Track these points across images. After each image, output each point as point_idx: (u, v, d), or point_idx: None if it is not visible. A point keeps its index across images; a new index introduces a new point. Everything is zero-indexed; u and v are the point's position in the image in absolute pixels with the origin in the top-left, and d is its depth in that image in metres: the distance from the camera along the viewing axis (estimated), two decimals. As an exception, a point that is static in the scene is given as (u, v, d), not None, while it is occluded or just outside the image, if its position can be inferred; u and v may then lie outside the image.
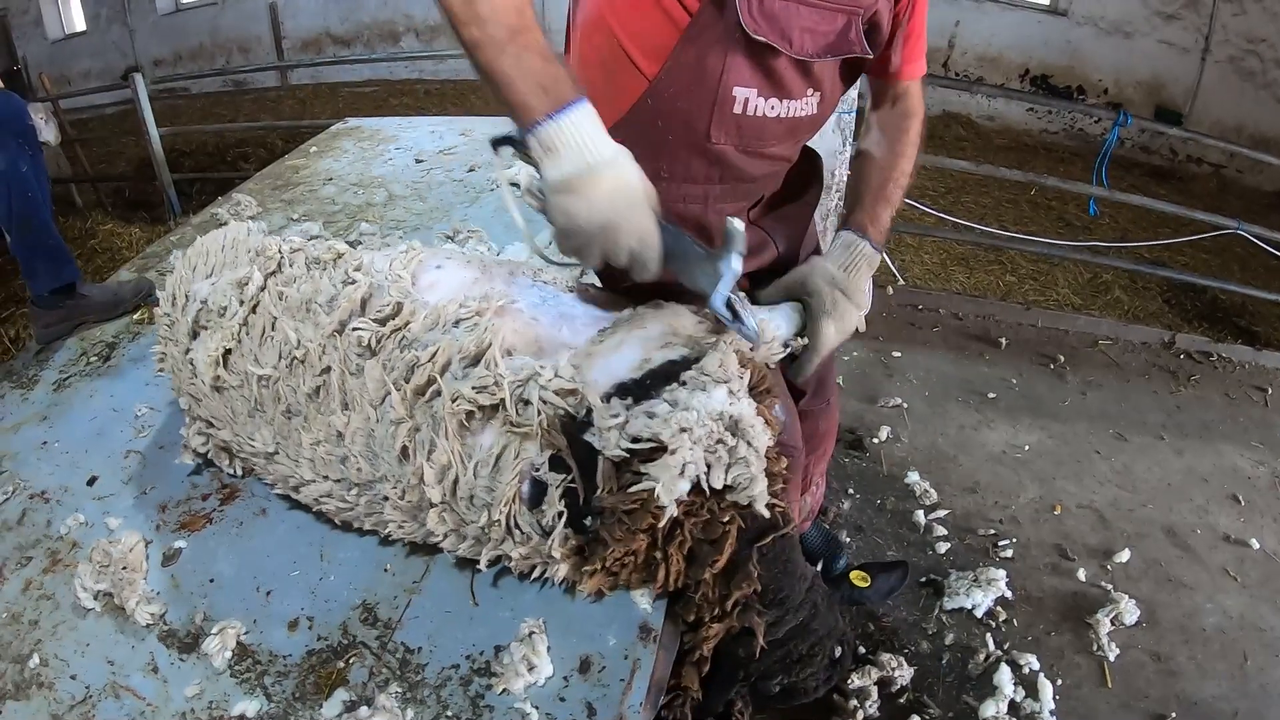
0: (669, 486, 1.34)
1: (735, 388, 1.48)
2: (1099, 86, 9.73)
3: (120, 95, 7.43)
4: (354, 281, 1.71)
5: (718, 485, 1.40)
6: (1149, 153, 9.47)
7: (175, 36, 13.29)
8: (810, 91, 1.65)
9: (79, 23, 13.89)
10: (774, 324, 1.67)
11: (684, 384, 1.46)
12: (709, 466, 1.40)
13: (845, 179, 3.33)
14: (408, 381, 1.54)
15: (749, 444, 1.44)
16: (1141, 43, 9.34)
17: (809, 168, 1.99)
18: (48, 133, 3.02)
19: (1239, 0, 8.66)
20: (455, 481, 1.49)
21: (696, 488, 1.40)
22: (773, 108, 1.61)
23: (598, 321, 1.68)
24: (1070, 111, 9.72)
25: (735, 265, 1.43)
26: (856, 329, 1.77)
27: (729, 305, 1.47)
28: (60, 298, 2.60)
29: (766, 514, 1.46)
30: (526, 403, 1.47)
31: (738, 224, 1.41)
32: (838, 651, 1.68)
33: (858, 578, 1.96)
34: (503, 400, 1.47)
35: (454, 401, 1.47)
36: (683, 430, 1.37)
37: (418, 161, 3.65)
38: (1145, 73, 9.43)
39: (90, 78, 13.03)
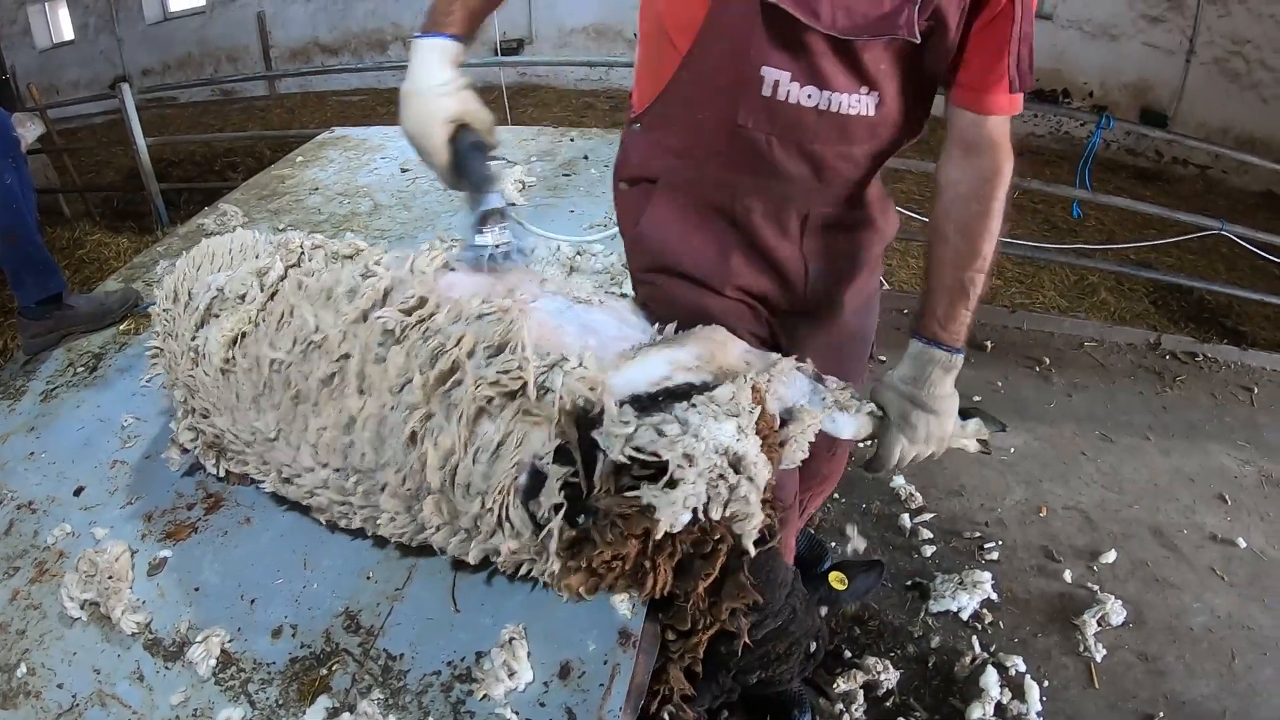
0: (669, 514, 1.34)
1: (744, 423, 1.46)
2: (1084, 89, 9.78)
3: (108, 105, 7.44)
4: (375, 274, 1.74)
5: (715, 517, 1.39)
6: (1135, 155, 9.52)
7: (163, 46, 13.30)
8: (863, 89, 1.51)
9: (67, 32, 13.88)
10: (836, 424, 1.65)
11: (694, 406, 1.44)
12: (708, 499, 1.38)
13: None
14: (432, 367, 1.54)
15: (750, 480, 1.42)
16: (1127, 45, 9.38)
17: (883, 220, 1.85)
18: (34, 130, 3.02)
19: (1223, 2, 8.70)
20: (455, 468, 1.49)
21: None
22: (809, 96, 1.49)
23: (623, 334, 1.67)
24: (1056, 115, 9.75)
25: (493, 202, 1.65)
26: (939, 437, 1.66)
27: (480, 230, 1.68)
28: (47, 308, 2.61)
29: (752, 550, 1.46)
30: (547, 390, 1.47)
31: (499, 166, 1.73)
32: (813, 646, 1.71)
33: (836, 580, 1.96)
34: (524, 384, 1.47)
35: (476, 386, 1.47)
36: (687, 457, 1.36)
37: (403, 171, 3.66)
38: (1131, 75, 9.48)
39: (79, 87, 13.02)
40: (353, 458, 1.61)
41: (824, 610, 1.91)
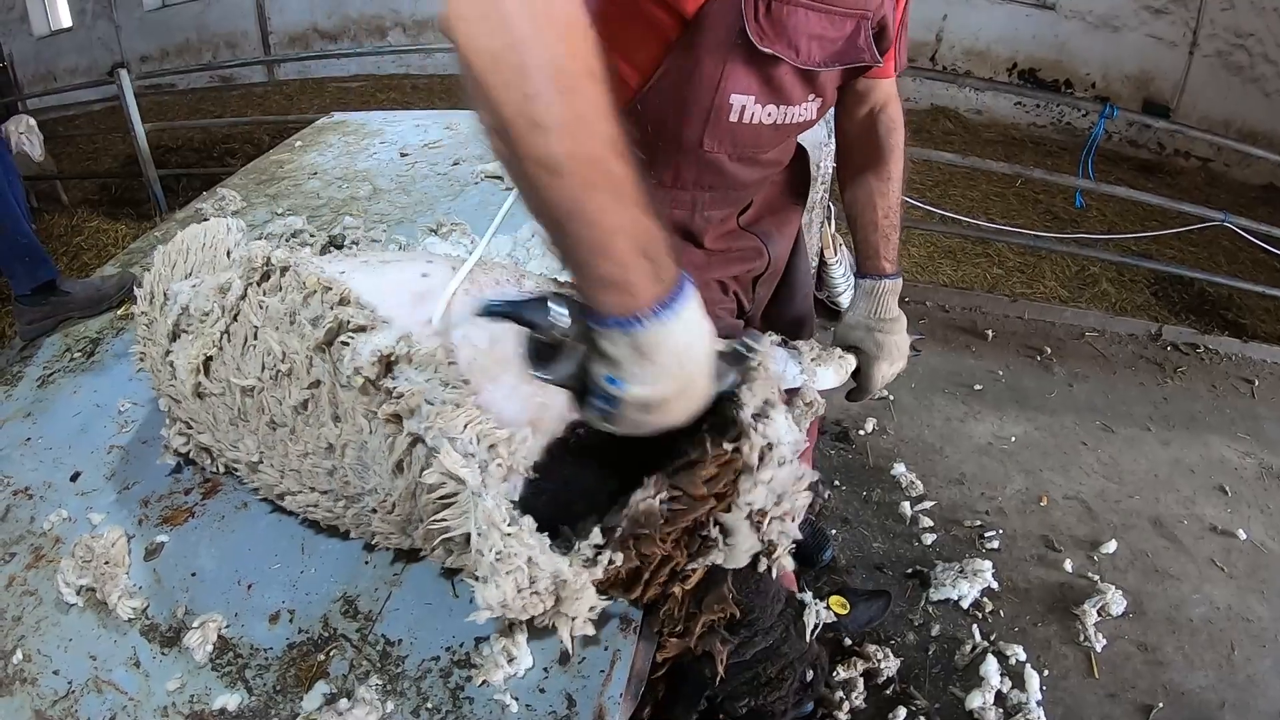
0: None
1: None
2: (1087, 80, 9.74)
3: (106, 91, 7.38)
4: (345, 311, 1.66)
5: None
6: (1136, 146, 9.50)
7: (161, 32, 13.22)
8: (811, 98, 1.58)
9: (65, 19, 13.80)
10: (819, 379, 1.69)
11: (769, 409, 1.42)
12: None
13: (830, 171, 3.32)
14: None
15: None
16: (1129, 37, 9.35)
17: (798, 166, 1.94)
18: (35, 150, 2.97)
19: (1226, -6, 8.70)
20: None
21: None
22: (769, 114, 1.53)
23: None
24: (1058, 105, 9.73)
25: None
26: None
27: None
28: (43, 295, 2.59)
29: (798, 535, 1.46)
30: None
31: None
32: (809, 675, 1.66)
33: (837, 604, 1.91)
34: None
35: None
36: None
37: (402, 155, 3.63)
38: (1133, 67, 9.45)
39: (76, 74, 12.97)
40: (336, 483, 1.58)
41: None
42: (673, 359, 1.00)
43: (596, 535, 1.33)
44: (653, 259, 0.96)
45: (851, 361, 1.78)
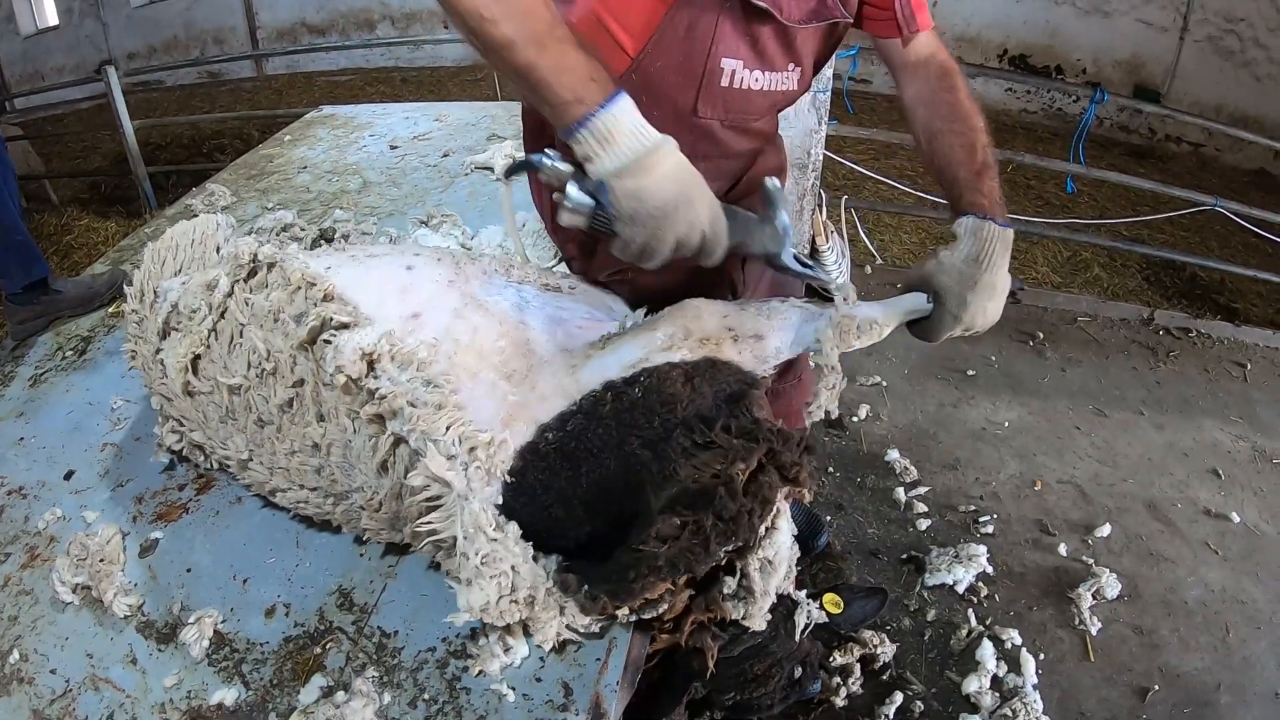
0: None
1: None
2: (1077, 66, 9.74)
3: (94, 90, 7.35)
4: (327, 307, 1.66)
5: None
6: (1128, 132, 9.50)
7: (149, 29, 13.15)
8: (791, 66, 1.66)
9: (51, 18, 13.72)
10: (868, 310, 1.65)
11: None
12: None
13: (821, 158, 3.32)
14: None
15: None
16: (1120, 22, 9.34)
17: (774, 148, 1.98)
18: None
19: (1216, -21, 8.69)
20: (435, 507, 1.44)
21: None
22: (757, 80, 1.61)
23: (593, 322, 1.64)
24: (1049, 90, 9.72)
25: (787, 220, 1.48)
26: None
27: (797, 258, 1.52)
28: (34, 294, 2.58)
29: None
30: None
31: (776, 182, 1.44)
32: (797, 672, 1.66)
33: (830, 602, 1.91)
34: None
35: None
36: None
37: (392, 148, 3.63)
38: (1124, 52, 9.44)
39: (64, 73, 12.87)
40: (324, 481, 1.59)
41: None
42: (631, 139, 1.26)
43: (586, 620, 1.39)
44: (596, 80, 1.26)
45: (883, 329, 1.65)
